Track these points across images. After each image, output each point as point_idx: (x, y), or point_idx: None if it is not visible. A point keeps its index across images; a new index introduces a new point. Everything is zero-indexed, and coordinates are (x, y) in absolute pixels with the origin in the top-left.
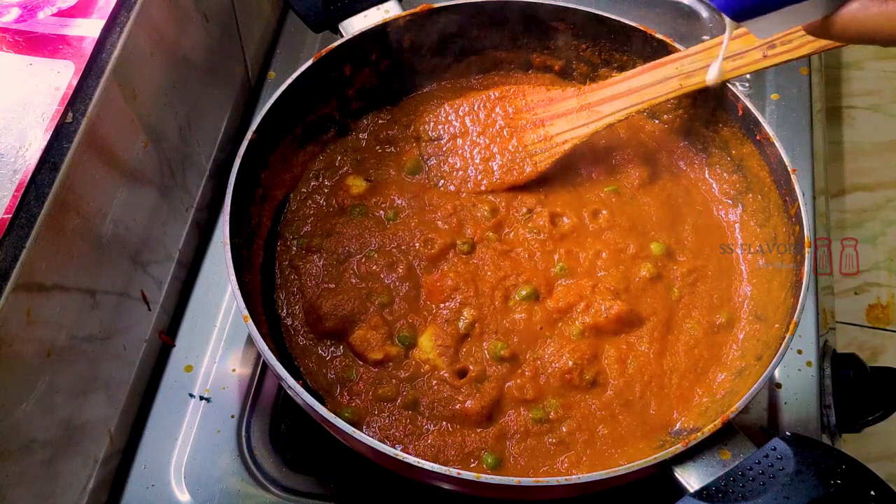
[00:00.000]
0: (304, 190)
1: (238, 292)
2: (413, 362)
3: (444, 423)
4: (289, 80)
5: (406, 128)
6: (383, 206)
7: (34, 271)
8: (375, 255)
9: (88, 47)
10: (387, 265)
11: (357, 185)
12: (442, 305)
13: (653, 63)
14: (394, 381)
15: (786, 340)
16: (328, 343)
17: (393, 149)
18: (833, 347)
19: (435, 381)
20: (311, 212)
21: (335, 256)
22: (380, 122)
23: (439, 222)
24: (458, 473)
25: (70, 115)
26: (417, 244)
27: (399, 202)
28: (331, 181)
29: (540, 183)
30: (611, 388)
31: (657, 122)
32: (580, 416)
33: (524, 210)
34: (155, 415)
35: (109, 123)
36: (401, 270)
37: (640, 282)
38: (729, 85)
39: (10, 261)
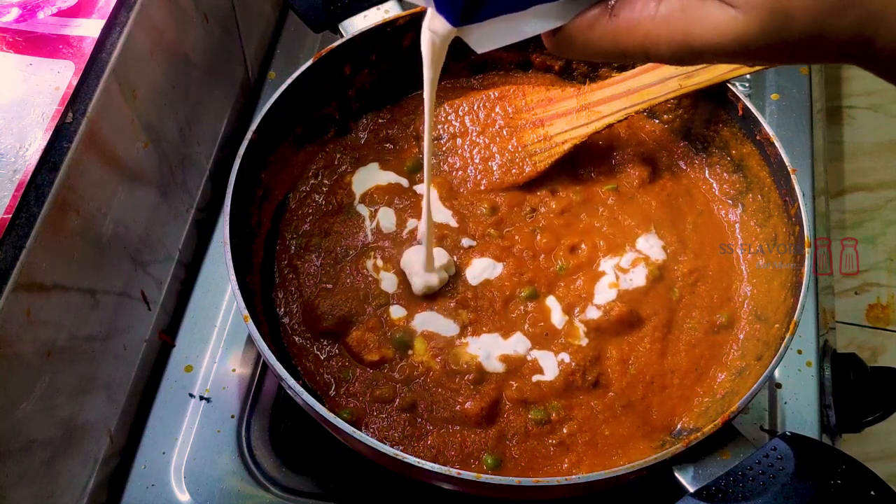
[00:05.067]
0: (303, 189)
1: (238, 292)
2: (409, 364)
3: (444, 424)
4: (289, 80)
5: (406, 127)
6: (382, 204)
7: (34, 271)
8: (373, 254)
9: (88, 47)
10: (384, 265)
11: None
12: (438, 306)
13: (653, 63)
14: (391, 382)
15: (786, 340)
16: (325, 343)
17: (393, 148)
18: (833, 347)
19: (432, 383)
20: (310, 210)
21: (333, 256)
22: (380, 121)
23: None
24: (459, 473)
25: (70, 115)
26: (417, 243)
27: (398, 201)
28: (330, 180)
29: (540, 183)
30: (612, 389)
31: (657, 121)
32: (581, 418)
33: (526, 209)
34: (155, 415)
35: (109, 123)
36: (399, 270)
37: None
38: (729, 85)
39: (10, 261)
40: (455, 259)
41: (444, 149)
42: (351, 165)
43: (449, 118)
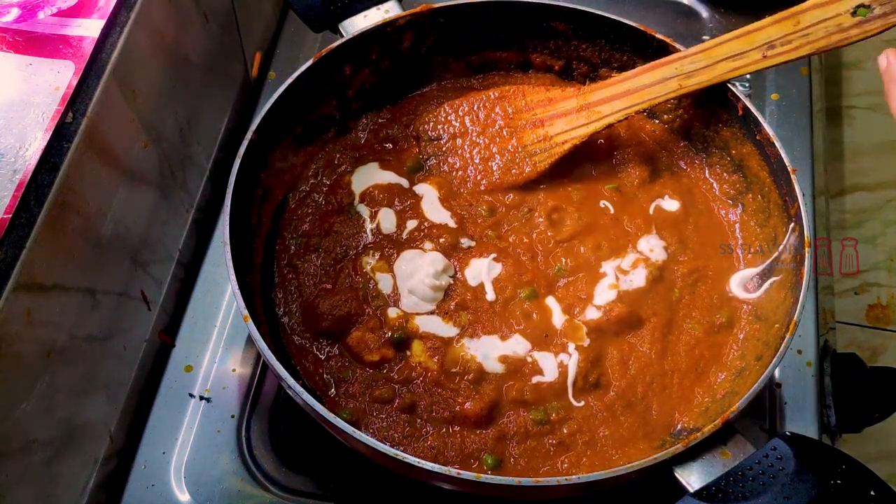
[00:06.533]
0: (303, 189)
1: (238, 292)
2: (407, 365)
3: (444, 424)
4: (289, 80)
5: (406, 127)
6: (382, 205)
7: (34, 271)
8: (373, 254)
9: (88, 47)
10: (383, 265)
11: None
12: (438, 307)
13: (653, 63)
14: (390, 383)
15: (786, 340)
16: (324, 343)
17: (393, 148)
18: (833, 347)
19: (431, 384)
20: (310, 210)
21: (333, 256)
22: (380, 121)
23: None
24: (459, 473)
25: (70, 115)
26: (416, 243)
27: (398, 202)
28: (330, 179)
29: (539, 183)
30: (613, 390)
31: (657, 122)
32: (581, 418)
33: (524, 210)
34: (155, 415)
35: (109, 123)
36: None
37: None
38: (729, 85)
39: (10, 261)
40: (453, 260)
41: (444, 149)
42: (351, 165)
43: (449, 118)
